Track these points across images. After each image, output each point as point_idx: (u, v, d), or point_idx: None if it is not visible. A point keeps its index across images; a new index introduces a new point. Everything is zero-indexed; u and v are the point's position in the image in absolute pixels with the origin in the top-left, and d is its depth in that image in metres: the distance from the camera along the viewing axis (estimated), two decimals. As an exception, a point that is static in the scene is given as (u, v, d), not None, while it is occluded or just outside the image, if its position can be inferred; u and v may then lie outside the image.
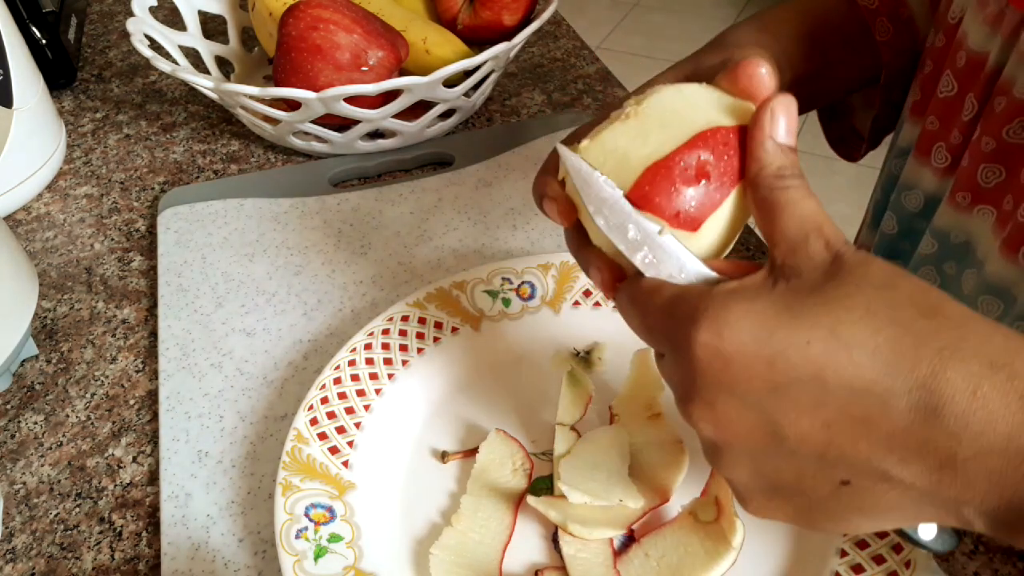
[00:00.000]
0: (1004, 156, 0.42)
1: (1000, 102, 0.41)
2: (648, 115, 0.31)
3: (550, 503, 0.40)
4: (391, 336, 0.49)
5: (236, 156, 0.71)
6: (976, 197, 0.44)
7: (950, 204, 0.46)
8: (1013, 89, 0.41)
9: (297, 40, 0.61)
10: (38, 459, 0.48)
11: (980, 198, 0.44)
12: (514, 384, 0.49)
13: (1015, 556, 0.40)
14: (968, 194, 0.44)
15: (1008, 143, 0.41)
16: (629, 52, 2.56)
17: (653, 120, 0.31)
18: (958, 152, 0.45)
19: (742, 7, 2.72)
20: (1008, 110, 0.41)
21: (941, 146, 0.47)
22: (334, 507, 0.41)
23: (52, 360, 0.54)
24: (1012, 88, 0.41)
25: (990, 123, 0.42)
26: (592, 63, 0.81)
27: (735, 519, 0.39)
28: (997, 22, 0.42)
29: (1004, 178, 0.42)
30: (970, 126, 0.44)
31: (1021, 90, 0.40)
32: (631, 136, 0.31)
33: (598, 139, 0.32)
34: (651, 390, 0.46)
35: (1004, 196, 0.42)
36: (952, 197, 0.45)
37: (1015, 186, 0.41)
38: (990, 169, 0.43)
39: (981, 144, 0.43)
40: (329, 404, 0.45)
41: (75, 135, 0.74)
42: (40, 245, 0.63)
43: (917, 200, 0.50)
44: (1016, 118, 0.41)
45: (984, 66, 0.43)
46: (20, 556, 0.43)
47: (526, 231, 0.59)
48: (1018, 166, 0.41)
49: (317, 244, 0.60)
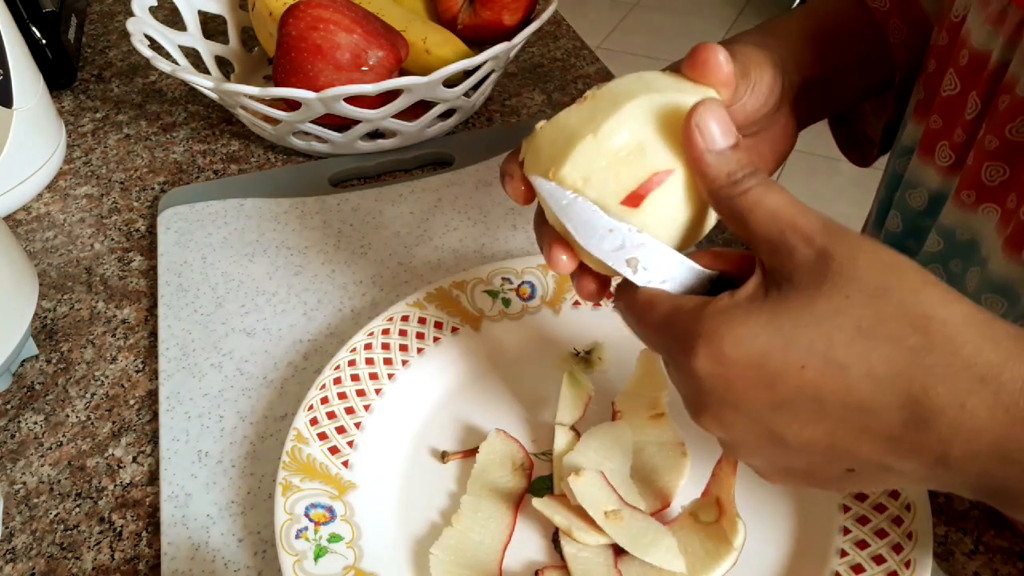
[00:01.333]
0: (1008, 154, 0.42)
1: (1004, 100, 0.41)
2: (603, 96, 0.31)
3: (555, 507, 0.40)
4: (391, 336, 0.49)
5: (236, 156, 0.71)
6: (981, 195, 0.44)
7: (955, 202, 0.46)
8: (1016, 88, 0.41)
9: (297, 40, 0.61)
10: (38, 459, 0.48)
11: (984, 196, 0.44)
12: (514, 384, 0.49)
13: (1015, 556, 0.40)
14: (973, 192, 0.44)
15: (1011, 141, 0.41)
16: (629, 52, 2.56)
17: (606, 100, 0.31)
18: (961, 150, 0.45)
19: (742, 7, 2.72)
20: (1011, 108, 0.41)
21: (944, 144, 0.47)
22: (334, 507, 0.41)
23: (52, 360, 0.54)
24: (1016, 87, 0.41)
25: (993, 121, 0.42)
26: (592, 63, 0.81)
27: (736, 520, 0.39)
28: (999, 21, 0.42)
29: (1008, 176, 0.42)
30: (973, 124, 0.44)
31: None
32: (583, 116, 0.31)
33: (554, 120, 0.32)
34: (655, 390, 0.46)
35: (1008, 194, 0.42)
36: (957, 195, 0.45)
37: (1018, 184, 0.41)
38: (994, 167, 0.43)
39: (985, 142, 0.43)
40: (329, 404, 0.45)
41: (75, 135, 0.74)
42: (40, 245, 0.63)
43: (922, 198, 0.50)
44: (1019, 116, 0.41)
45: (987, 65, 0.43)
46: (20, 556, 0.43)
47: (526, 231, 0.59)
48: (1022, 164, 0.41)
49: (317, 244, 0.60)
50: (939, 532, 0.41)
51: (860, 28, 0.51)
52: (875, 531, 0.38)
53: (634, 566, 0.39)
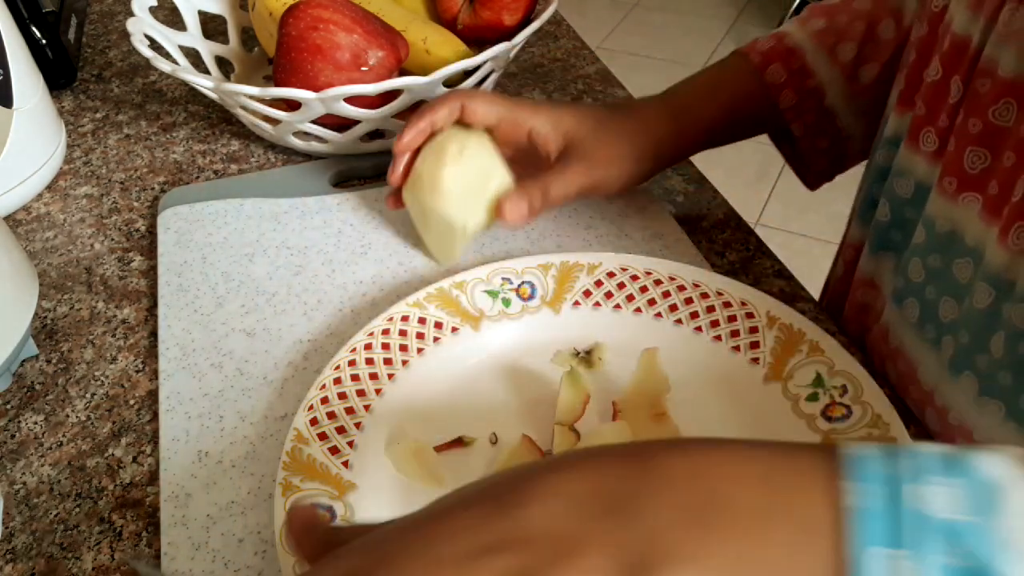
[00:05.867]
0: (990, 138, 0.42)
1: (984, 83, 0.42)
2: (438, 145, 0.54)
3: None
4: (391, 336, 0.49)
5: (236, 156, 0.71)
6: (962, 183, 0.44)
7: (939, 191, 0.46)
8: (998, 70, 0.41)
9: (297, 40, 0.61)
10: (38, 459, 0.48)
11: (966, 185, 0.44)
12: (514, 384, 0.49)
13: (1015, 556, 0.40)
14: (954, 179, 0.45)
15: (994, 124, 0.42)
16: (629, 52, 2.56)
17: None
18: (946, 135, 0.46)
19: (742, 7, 2.72)
20: (993, 91, 0.42)
21: (930, 131, 0.47)
22: (334, 507, 0.41)
23: (52, 360, 0.54)
24: (997, 69, 0.41)
25: (976, 105, 0.43)
26: (592, 63, 0.81)
27: None
28: (979, 5, 0.43)
29: (989, 163, 0.43)
30: (956, 109, 0.45)
31: (1005, 70, 0.41)
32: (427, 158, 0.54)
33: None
34: (657, 389, 0.46)
35: (989, 182, 0.43)
36: (940, 183, 0.46)
37: (1000, 171, 0.42)
38: (976, 153, 0.43)
39: (968, 126, 0.43)
40: (329, 404, 0.45)
41: (75, 135, 0.74)
42: (40, 245, 0.63)
43: (908, 187, 0.50)
44: (1002, 99, 0.41)
45: (968, 48, 0.43)
46: (20, 556, 0.43)
47: (526, 231, 0.59)
48: (1002, 149, 0.42)
49: (317, 244, 0.60)
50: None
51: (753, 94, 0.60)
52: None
53: None
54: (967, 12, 0.44)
